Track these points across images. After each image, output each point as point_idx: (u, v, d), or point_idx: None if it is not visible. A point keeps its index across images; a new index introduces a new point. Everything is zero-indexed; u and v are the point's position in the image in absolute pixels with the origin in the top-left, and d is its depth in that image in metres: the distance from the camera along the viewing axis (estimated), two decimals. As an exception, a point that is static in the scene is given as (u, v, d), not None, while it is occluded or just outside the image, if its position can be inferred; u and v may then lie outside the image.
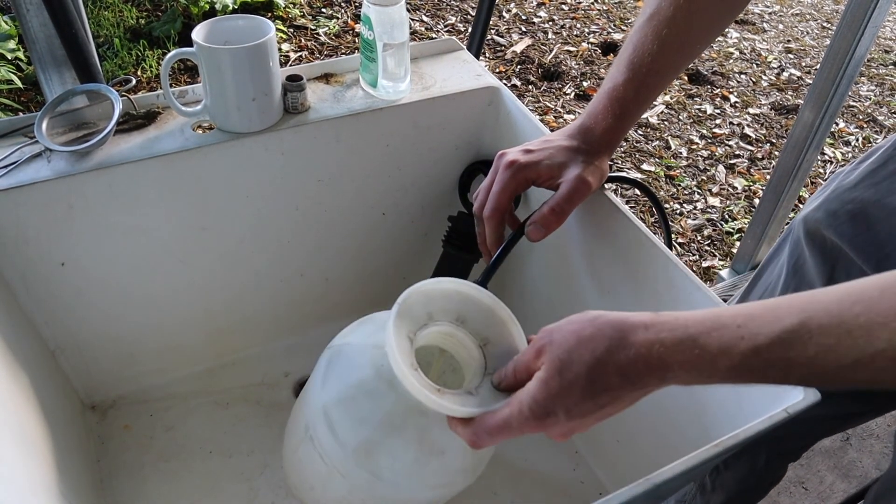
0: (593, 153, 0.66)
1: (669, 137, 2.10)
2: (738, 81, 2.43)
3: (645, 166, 1.98)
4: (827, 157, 2.12)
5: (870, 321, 0.35)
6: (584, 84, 2.28)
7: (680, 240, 1.76)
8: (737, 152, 2.09)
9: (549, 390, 0.46)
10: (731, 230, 1.80)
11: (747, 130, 2.19)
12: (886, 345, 0.34)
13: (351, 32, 2.40)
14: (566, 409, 0.45)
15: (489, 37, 2.48)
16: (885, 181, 0.68)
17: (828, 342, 0.36)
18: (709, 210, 1.87)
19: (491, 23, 2.24)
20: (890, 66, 2.64)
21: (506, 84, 0.84)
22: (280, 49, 2.21)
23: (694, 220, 1.83)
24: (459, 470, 0.58)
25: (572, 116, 2.13)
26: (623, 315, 0.45)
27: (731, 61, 2.55)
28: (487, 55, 2.39)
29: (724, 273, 1.54)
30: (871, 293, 0.35)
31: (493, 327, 0.57)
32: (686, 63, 0.67)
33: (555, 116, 2.13)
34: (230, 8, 2.26)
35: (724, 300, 0.62)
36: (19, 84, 1.88)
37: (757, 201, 1.77)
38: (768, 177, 1.93)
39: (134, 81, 0.76)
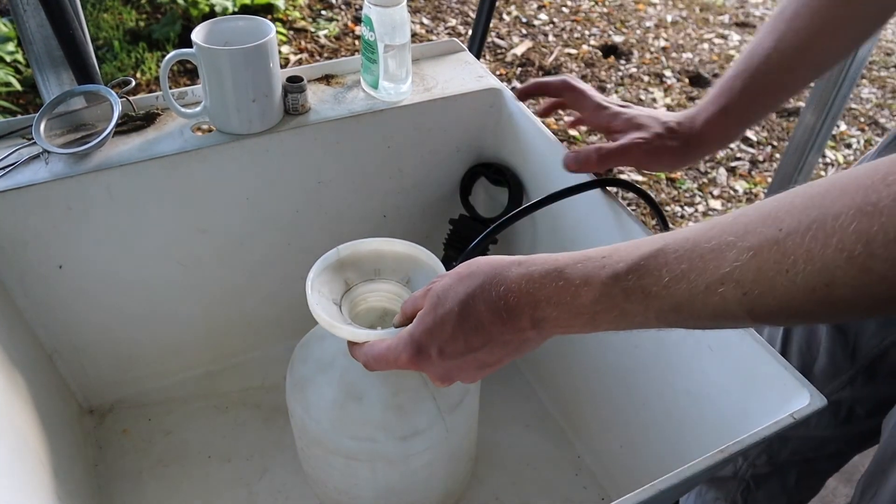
0: (683, 139, 0.64)
1: (670, 140, 2.10)
2: (739, 84, 2.42)
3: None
4: (828, 160, 2.12)
5: (720, 243, 0.35)
6: (585, 86, 2.28)
7: (681, 242, 1.75)
8: (738, 155, 2.09)
9: (424, 325, 0.47)
10: (733, 233, 1.79)
11: (748, 133, 2.19)
12: (731, 267, 0.34)
13: (351, 35, 2.40)
14: (438, 347, 0.47)
15: (489, 39, 2.48)
16: None
17: (681, 267, 0.36)
18: (710, 213, 1.87)
19: (491, 25, 2.23)
20: (892, 69, 2.63)
21: (506, 86, 0.83)
22: (280, 51, 2.20)
23: (695, 222, 1.82)
24: (380, 426, 0.61)
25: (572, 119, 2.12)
26: (503, 256, 0.47)
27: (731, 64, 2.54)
28: (488, 58, 2.39)
29: (726, 276, 1.54)
30: (726, 219, 0.36)
31: None
32: (805, 67, 0.62)
33: (555, 119, 2.12)
34: (230, 10, 2.25)
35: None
36: (18, 86, 1.87)
37: (758, 204, 1.76)
38: (770, 179, 1.92)
39: (134, 83, 0.76)
